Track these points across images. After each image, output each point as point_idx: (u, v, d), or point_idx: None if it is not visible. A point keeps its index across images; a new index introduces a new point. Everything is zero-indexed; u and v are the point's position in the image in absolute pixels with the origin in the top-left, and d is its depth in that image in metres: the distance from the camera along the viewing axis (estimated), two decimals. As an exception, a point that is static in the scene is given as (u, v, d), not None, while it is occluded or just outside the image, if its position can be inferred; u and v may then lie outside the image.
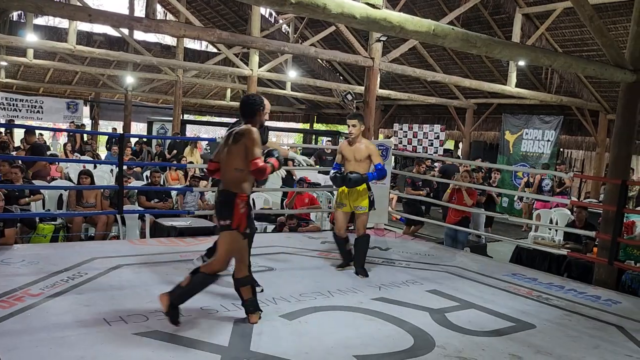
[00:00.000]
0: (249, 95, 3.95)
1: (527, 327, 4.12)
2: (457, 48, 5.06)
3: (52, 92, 20.37)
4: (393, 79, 15.95)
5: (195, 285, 3.64)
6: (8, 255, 4.90)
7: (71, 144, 14.34)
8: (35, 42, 10.81)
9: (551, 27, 10.90)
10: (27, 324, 3.41)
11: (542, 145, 13.54)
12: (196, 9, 17.42)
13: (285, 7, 3.67)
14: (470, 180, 7.63)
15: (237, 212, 3.59)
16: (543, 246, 7.08)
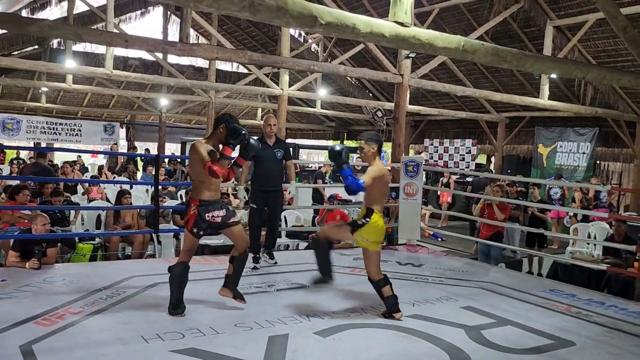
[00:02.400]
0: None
1: (567, 344, 4.01)
2: (487, 63, 5.05)
3: (89, 116, 21.04)
4: (423, 94, 15.91)
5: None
6: (50, 275, 5.05)
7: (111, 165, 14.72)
8: (74, 68, 11.20)
9: (583, 38, 10.74)
10: (68, 342, 3.50)
11: (577, 158, 13.28)
12: (227, 32, 17.80)
13: (315, 28, 3.74)
14: (502, 195, 7.53)
15: (189, 213, 4.19)
16: (581, 261, 6.92)
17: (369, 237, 4.30)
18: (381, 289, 4.35)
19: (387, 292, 4.34)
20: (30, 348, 3.34)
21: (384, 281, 4.37)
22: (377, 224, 4.30)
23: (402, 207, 7.61)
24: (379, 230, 4.34)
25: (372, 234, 4.30)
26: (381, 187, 4.40)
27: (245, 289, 4.90)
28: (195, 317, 4.09)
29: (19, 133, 17.68)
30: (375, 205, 4.35)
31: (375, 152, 4.43)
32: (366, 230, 4.29)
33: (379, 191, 4.37)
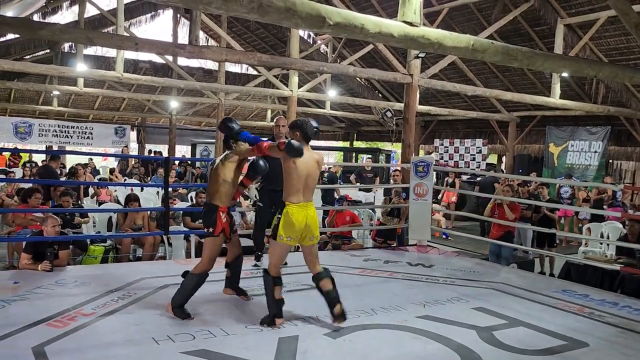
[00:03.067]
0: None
1: (580, 345, 3.97)
2: (498, 62, 5.02)
3: (101, 119, 21.20)
4: (433, 94, 15.86)
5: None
6: (62, 277, 5.08)
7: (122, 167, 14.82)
8: (85, 72, 11.30)
9: (595, 36, 10.65)
10: (79, 343, 3.52)
11: (588, 157, 13.16)
12: (237, 34, 17.86)
13: (324, 28, 3.74)
14: (512, 195, 7.47)
15: (219, 220, 4.25)
16: (594, 261, 6.85)
17: (291, 234, 3.99)
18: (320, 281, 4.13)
19: (327, 286, 4.10)
20: (43, 349, 3.36)
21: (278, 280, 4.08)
22: (290, 217, 3.95)
23: (412, 207, 7.58)
24: (297, 224, 3.96)
25: (292, 230, 3.98)
26: (293, 173, 3.98)
27: (256, 290, 4.91)
28: (206, 319, 4.10)
29: (31, 136, 17.86)
30: (289, 197, 4.01)
31: (299, 139, 4.08)
32: (285, 228, 3.97)
33: (291, 179, 4.00)
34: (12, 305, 4.19)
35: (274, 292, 4.05)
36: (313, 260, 4.18)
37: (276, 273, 4.08)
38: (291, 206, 3.99)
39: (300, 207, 4.01)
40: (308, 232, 4.06)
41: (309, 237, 4.10)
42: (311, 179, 4.11)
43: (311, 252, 4.18)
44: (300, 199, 4.02)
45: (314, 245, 4.18)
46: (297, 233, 4.02)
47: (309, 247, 4.16)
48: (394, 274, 5.95)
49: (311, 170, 4.09)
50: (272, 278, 4.06)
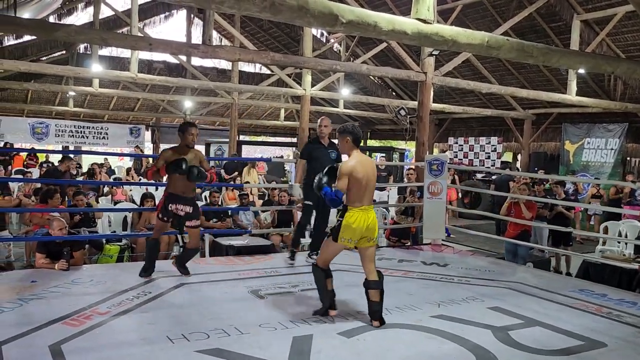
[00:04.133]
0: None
1: (597, 345, 3.91)
2: (513, 59, 4.96)
3: (116, 119, 21.37)
4: (447, 92, 15.75)
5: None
6: (78, 276, 5.13)
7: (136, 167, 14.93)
8: (101, 72, 11.38)
9: (612, 32, 10.51)
10: (95, 342, 3.55)
11: (605, 154, 12.98)
12: (250, 33, 17.89)
13: (337, 27, 3.72)
14: (529, 193, 7.39)
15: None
16: (612, 260, 6.75)
17: (352, 236, 4.05)
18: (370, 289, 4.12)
19: (375, 297, 4.11)
20: (59, 348, 3.39)
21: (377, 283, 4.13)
22: (352, 221, 4.02)
23: (426, 206, 7.54)
24: (358, 227, 4.03)
25: (353, 232, 4.04)
26: (354, 181, 4.03)
27: (270, 289, 4.91)
28: (220, 318, 4.11)
29: (48, 137, 18.05)
30: (349, 201, 4.09)
31: (351, 144, 4.17)
32: (346, 231, 4.04)
33: (352, 187, 4.05)
34: (29, 303, 4.23)
35: (326, 285, 4.18)
36: (369, 263, 4.17)
37: (326, 267, 4.19)
38: (353, 210, 4.06)
39: (362, 211, 4.06)
40: (367, 234, 4.10)
41: (366, 239, 4.12)
42: (371, 183, 4.16)
43: (367, 255, 4.18)
44: (363, 202, 4.09)
45: (371, 247, 4.19)
46: (357, 236, 4.07)
47: (365, 249, 4.16)
48: (408, 273, 5.92)
49: (370, 174, 4.13)
50: (324, 271, 4.18)
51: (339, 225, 4.07)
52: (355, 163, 4.08)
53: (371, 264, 4.17)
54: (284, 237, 7.74)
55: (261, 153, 31.51)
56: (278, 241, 7.53)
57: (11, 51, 13.82)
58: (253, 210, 8.25)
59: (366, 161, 4.19)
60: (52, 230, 5.41)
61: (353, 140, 4.16)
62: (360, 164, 4.08)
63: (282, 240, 7.68)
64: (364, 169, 4.08)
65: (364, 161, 4.15)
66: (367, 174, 4.10)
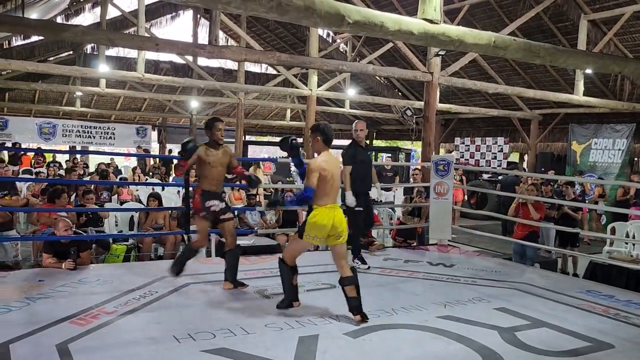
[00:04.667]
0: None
1: (605, 347, 3.89)
2: (520, 59, 4.95)
3: (122, 119, 21.46)
4: (453, 92, 15.72)
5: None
6: (85, 275, 5.15)
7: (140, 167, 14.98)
8: (107, 73, 11.43)
9: (619, 32, 10.45)
10: (102, 341, 3.56)
11: (612, 155, 12.91)
12: (256, 34, 17.92)
13: (343, 27, 3.72)
14: (537, 194, 7.36)
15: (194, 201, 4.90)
16: (619, 261, 6.71)
17: (317, 234, 4.09)
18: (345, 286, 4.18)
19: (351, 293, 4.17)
20: (66, 347, 3.41)
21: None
22: (317, 219, 4.06)
23: (432, 206, 7.52)
24: (323, 225, 4.06)
25: (318, 230, 4.08)
26: (321, 179, 4.06)
27: (276, 289, 4.91)
28: (226, 318, 4.12)
29: (55, 137, 18.16)
30: (316, 200, 4.11)
31: (321, 144, 4.21)
32: (311, 228, 4.09)
33: (319, 184, 4.07)
34: (37, 303, 4.25)
35: (292, 280, 4.28)
36: (340, 260, 4.21)
37: (292, 263, 4.27)
38: (319, 208, 4.11)
39: (327, 209, 4.12)
40: (334, 232, 4.12)
41: (335, 236, 4.15)
42: (336, 182, 4.23)
43: (337, 252, 4.21)
44: (328, 201, 4.14)
45: (341, 245, 4.20)
46: (323, 234, 4.11)
47: (335, 246, 4.20)
48: (414, 273, 5.91)
49: (335, 173, 4.21)
50: (289, 267, 4.26)
51: (304, 223, 4.15)
52: (324, 161, 4.14)
53: (342, 261, 4.22)
54: (289, 237, 7.75)
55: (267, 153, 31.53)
56: (284, 241, 7.54)
57: (19, 51, 13.91)
58: (259, 210, 8.26)
59: (332, 160, 4.25)
60: (57, 230, 5.43)
61: (323, 140, 4.22)
62: (327, 162, 4.15)
63: (287, 240, 7.69)
64: (331, 168, 4.15)
65: (331, 160, 4.21)
66: (333, 172, 4.17)
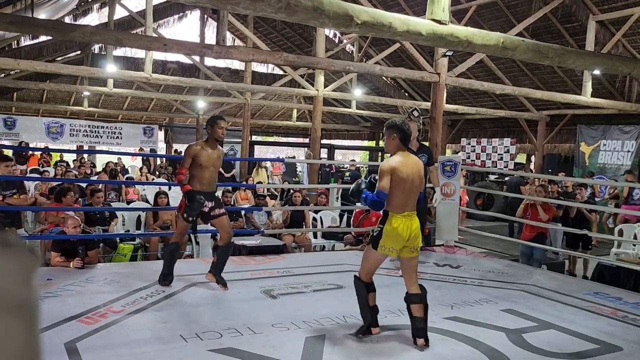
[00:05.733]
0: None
1: (612, 349, 3.88)
2: (528, 60, 4.93)
3: (129, 119, 21.56)
4: (460, 93, 15.68)
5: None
6: (92, 274, 5.18)
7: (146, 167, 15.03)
8: (115, 73, 11.48)
9: (628, 33, 10.40)
10: (109, 340, 3.58)
11: (621, 157, 12.85)
12: (263, 34, 17.95)
13: (352, 28, 3.72)
14: (545, 195, 7.33)
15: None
16: (627, 263, 6.67)
17: (393, 245, 3.65)
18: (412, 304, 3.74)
19: (417, 312, 3.72)
20: (74, 345, 3.43)
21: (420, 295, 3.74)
22: (394, 228, 3.62)
23: (439, 207, 7.49)
24: (399, 236, 3.63)
25: (394, 241, 3.64)
26: (396, 183, 3.60)
27: (282, 289, 4.93)
28: (233, 317, 4.13)
29: (62, 136, 18.25)
30: (391, 207, 3.67)
31: (398, 143, 3.72)
32: (387, 239, 3.64)
33: (394, 189, 3.61)
34: (45, 301, 4.27)
35: (367, 300, 3.80)
36: (410, 275, 3.79)
37: (368, 279, 3.82)
38: (396, 216, 3.65)
39: (404, 217, 3.67)
40: (409, 244, 3.70)
41: (409, 249, 3.72)
42: (415, 187, 3.72)
43: (410, 265, 3.79)
44: (405, 208, 3.68)
45: (414, 257, 3.78)
46: (399, 245, 3.68)
47: (408, 259, 3.77)
48: (421, 274, 5.85)
49: (414, 176, 3.70)
50: (365, 284, 3.81)
51: (379, 233, 3.67)
52: (398, 162, 3.64)
53: (413, 276, 3.78)
54: (296, 237, 7.76)
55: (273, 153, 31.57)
56: (290, 241, 7.55)
57: (27, 51, 14.01)
58: (266, 210, 8.27)
59: (412, 162, 3.72)
60: (66, 228, 5.46)
61: (401, 139, 3.71)
62: (403, 164, 3.64)
63: (294, 241, 7.70)
64: (408, 170, 3.64)
65: (409, 162, 3.69)
66: (412, 176, 3.66)
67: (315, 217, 8.62)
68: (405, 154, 3.73)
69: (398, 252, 3.72)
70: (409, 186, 3.65)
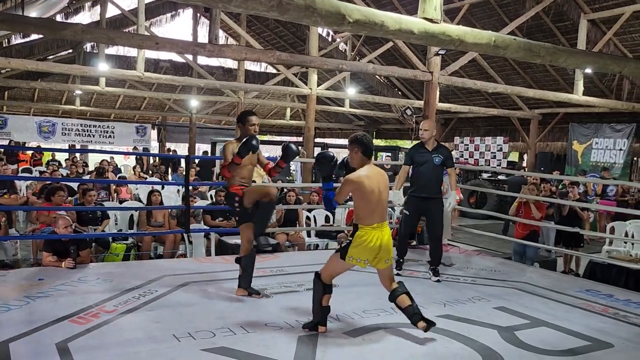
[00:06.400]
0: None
1: (604, 346, 3.90)
2: (520, 58, 4.94)
3: (122, 118, 21.47)
4: (453, 91, 15.73)
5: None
6: (84, 274, 5.15)
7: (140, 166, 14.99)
8: (107, 71, 11.41)
9: (619, 31, 10.46)
10: (102, 340, 3.56)
11: (613, 155, 12.93)
12: (256, 32, 17.91)
13: (344, 26, 3.71)
14: (537, 193, 7.36)
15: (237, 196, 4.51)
16: (618, 261, 6.72)
17: (361, 256, 3.69)
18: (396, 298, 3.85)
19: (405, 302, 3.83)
20: (66, 345, 3.41)
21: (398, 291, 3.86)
22: (362, 240, 3.66)
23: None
24: (369, 247, 3.66)
25: (363, 252, 3.68)
26: (362, 196, 3.66)
27: (276, 288, 4.92)
28: (226, 316, 4.12)
29: (54, 135, 18.17)
30: (360, 219, 3.71)
31: (361, 157, 3.77)
32: (355, 250, 3.69)
33: (361, 202, 3.69)
34: (36, 301, 4.25)
35: (321, 300, 3.85)
36: (387, 281, 3.89)
37: (328, 281, 3.86)
38: (365, 229, 3.68)
39: (374, 230, 3.69)
40: (381, 255, 3.73)
41: (383, 260, 3.76)
42: (383, 197, 3.76)
43: (384, 274, 3.86)
44: (374, 219, 3.71)
45: (389, 267, 3.85)
46: (369, 256, 3.71)
47: (383, 270, 3.84)
48: (414, 272, 5.91)
49: (381, 187, 3.73)
50: (324, 285, 3.85)
51: (348, 244, 3.73)
52: (363, 176, 3.68)
53: (390, 280, 3.89)
54: (289, 236, 7.76)
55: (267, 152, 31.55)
56: (283, 240, 7.54)
57: (18, 50, 13.90)
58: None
59: (377, 174, 3.77)
60: (57, 228, 5.44)
61: (363, 152, 3.76)
62: (368, 178, 3.68)
63: (287, 239, 7.69)
64: (373, 183, 3.68)
65: (374, 174, 3.73)
66: (379, 188, 3.71)
67: (309, 216, 8.62)
68: (370, 166, 3.79)
69: (367, 263, 3.75)
70: (376, 198, 3.70)
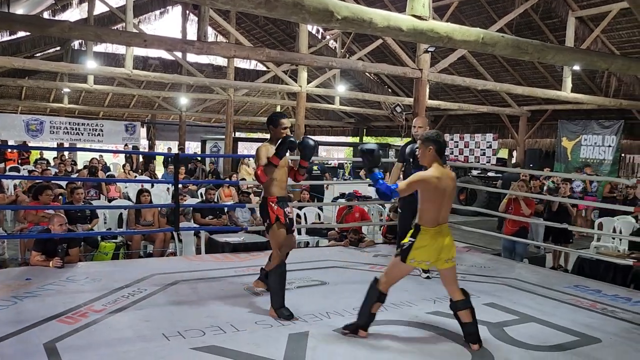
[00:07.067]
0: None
1: (592, 341, 3.94)
2: (508, 55, 4.96)
3: (111, 116, 21.33)
4: (442, 89, 15.77)
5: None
6: (73, 273, 5.11)
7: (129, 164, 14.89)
8: (95, 69, 11.33)
9: (607, 29, 10.53)
10: (91, 339, 3.54)
11: (602, 151, 13.04)
12: (245, 30, 17.85)
13: (332, 23, 3.70)
14: (527, 190, 7.40)
15: (271, 210, 4.28)
16: (606, 256, 6.78)
17: (424, 257, 3.62)
18: (458, 311, 3.73)
19: (466, 318, 3.72)
20: (54, 346, 3.38)
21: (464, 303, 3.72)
22: (425, 242, 3.60)
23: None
24: (431, 249, 3.60)
25: (426, 254, 3.61)
26: (432, 195, 3.59)
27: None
28: (216, 315, 4.11)
29: (42, 134, 18.00)
30: (424, 221, 3.63)
31: (433, 155, 3.65)
32: (417, 252, 3.61)
33: (426, 202, 3.61)
34: (24, 301, 4.22)
35: (372, 306, 3.80)
36: (450, 284, 3.75)
37: (385, 290, 3.81)
38: (428, 231, 3.61)
39: (436, 232, 3.62)
40: (443, 256, 3.65)
41: (444, 260, 3.66)
42: (450, 199, 3.69)
43: (447, 275, 3.74)
44: (438, 221, 3.64)
45: (451, 267, 3.71)
46: (430, 258, 3.63)
47: (445, 270, 3.72)
48: (404, 269, 5.92)
49: (449, 190, 3.66)
50: (379, 293, 3.80)
51: (409, 246, 3.62)
52: (434, 175, 3.59)
53: (453, 284, 3.74)
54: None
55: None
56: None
57: (5, 47, 13.75)
58: (249, 207, 8.23)
59: (447, 176, 3.67)
60: (52, 225, 5.39)
61: (437, 150, 3.65)
62: (439, 179, 3.59)
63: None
64: (443, 184, 3.61)
65: (444, 176, 3.64)
66: (447, 190, 3.64)
67: (299, 214, 8.61)
68: (440, 166, 3.67)
69: (429, 265, 3.75)
70: (445, 200, 3.64)
